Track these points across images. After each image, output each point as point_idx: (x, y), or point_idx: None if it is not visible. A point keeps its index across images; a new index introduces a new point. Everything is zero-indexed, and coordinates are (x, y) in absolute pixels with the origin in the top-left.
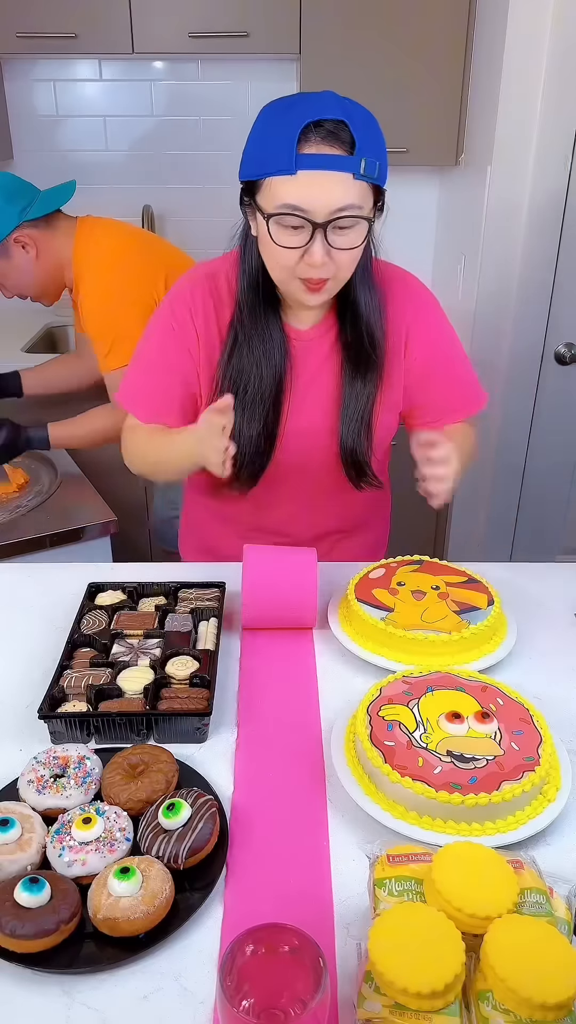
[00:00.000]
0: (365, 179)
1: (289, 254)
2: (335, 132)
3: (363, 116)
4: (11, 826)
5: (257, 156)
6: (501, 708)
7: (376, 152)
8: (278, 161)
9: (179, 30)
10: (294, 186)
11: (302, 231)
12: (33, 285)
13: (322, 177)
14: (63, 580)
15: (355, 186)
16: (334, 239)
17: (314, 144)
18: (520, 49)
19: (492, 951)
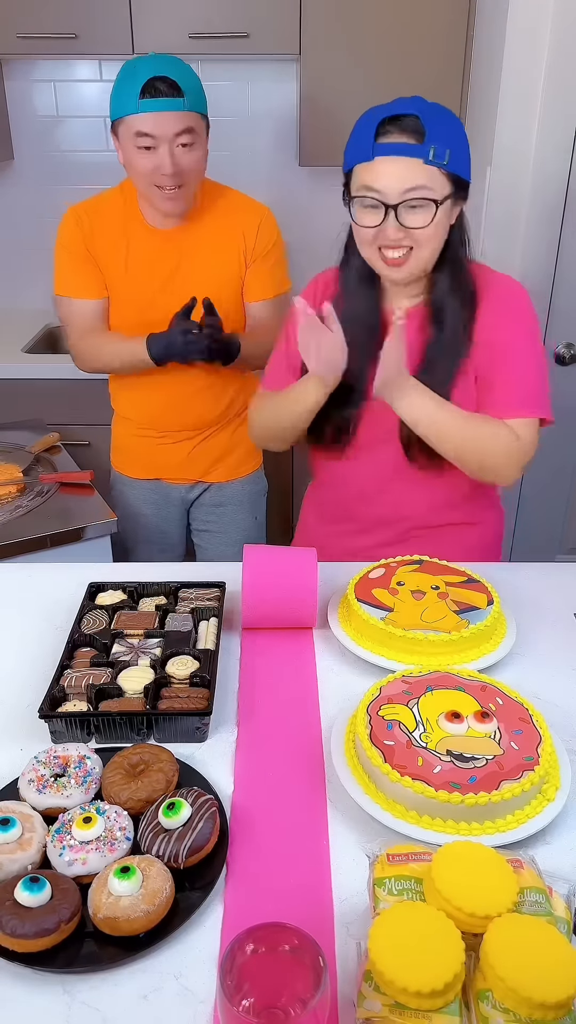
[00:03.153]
0: (435, 164)
1: (368, 232)
2: (409, 123)
3: (439, 114)
4: (11, 825)
5: (350, 151)
6: (501, 708)
7: (448, 142)
8: (361, 152)
9: (179, 30)
10: (370, 171)
11: (378, 211)
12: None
13: (393, 161)
14: (63, 580)
15: (424, 170)
16: (405, 218)
17: (389, 135)
18: (520, 49)
19: (492, 950)
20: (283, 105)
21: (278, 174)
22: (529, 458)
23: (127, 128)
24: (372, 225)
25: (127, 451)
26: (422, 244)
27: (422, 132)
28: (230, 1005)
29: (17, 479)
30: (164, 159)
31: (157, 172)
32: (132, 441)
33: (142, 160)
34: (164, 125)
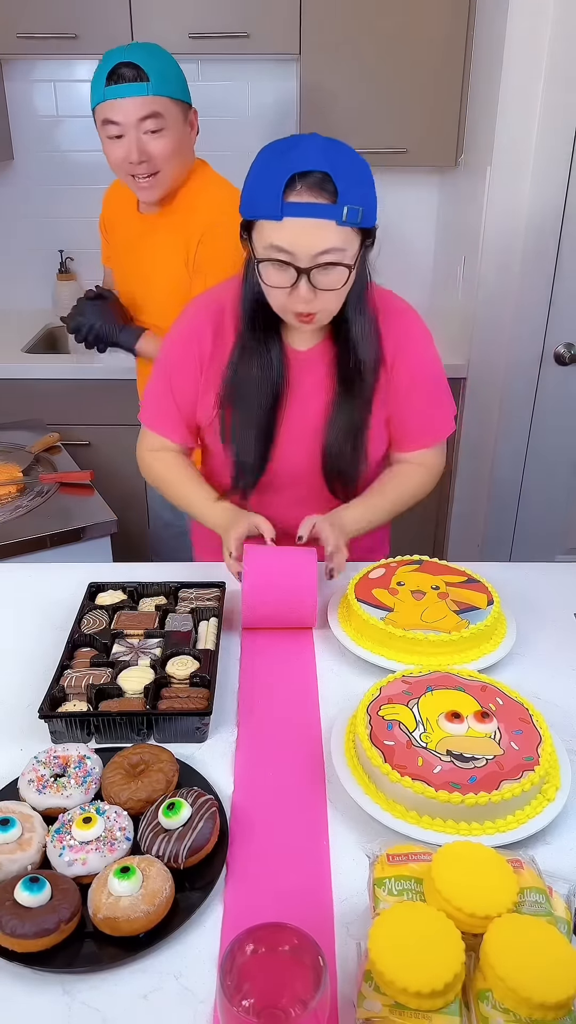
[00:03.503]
0: (347, 225)
1: (280, 291)
2: (319, 182)
3: (350, 164)
4: (11, 826)
5: (251, 199)
6: (501, 708)
7: (360, 199)
8: (267, 207)
9: (179, 30)
10: (280, 231)
11: (289, 272)
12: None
13: (305, 224)
14: (63, 580)
15: (338, 232)
16: (318, 279)
17: (298, 193)
18: (520, 49)
19: (492, 950)
20: (283, 105)
21: None
22: (442, 470)
23: (98, 116)
24: (283, 286)
25: None
26: (332, 302)
27: (334, 191)
28: (230, 1005)
29: (17, 479)
30: (131, 147)
31: (126, 160)
32: None
33: (112, 149)
34: (127, 111)
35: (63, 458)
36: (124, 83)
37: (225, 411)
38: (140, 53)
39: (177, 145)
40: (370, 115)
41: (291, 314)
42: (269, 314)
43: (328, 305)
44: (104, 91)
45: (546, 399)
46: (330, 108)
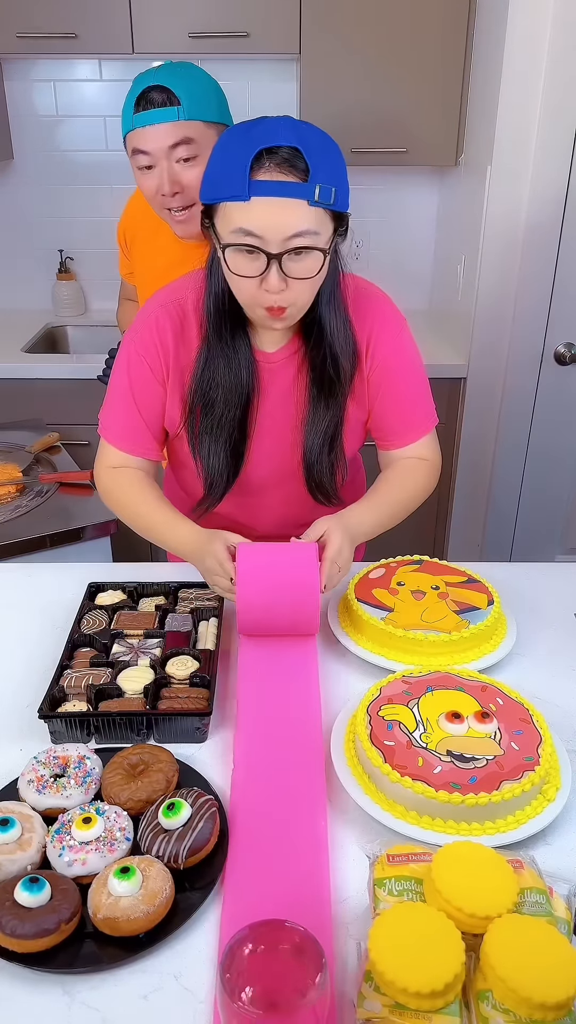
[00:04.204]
0: (320, 205)
1: (248, 282)
2: (288, 159)
3: (320, 142)
4: (11, 826)
5: (214, 181)
6: (501, 708)
7: (332, 178)
8: (232, 187)
9: (179, 30)
10: (248, 212)
11: (258, 259)
12: None
13: (275, 203)
14: (63, 580)
15: (310, 212)
16: (290, 267)
17: (267, 171)
18: (520, 49)
19: (492, 951)
20: (283, 105)
21: None
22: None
23: (128, 145)
24: (252, 275)
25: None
26: (305, 294)
27: (305, 169)
28: (230, 1001)
29: (17, 479)
30: (162, 177)
31: (159, 193)
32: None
33: (144, 180)
34: (157, 138)
35: (63, 458)
36: (153, 108)
37: (193, 419)
38: (170, 75)
39: None
40: (370, 115)
41: (260, 309)
42: (235, 314)
43: (300, 298)
44: (133, 118)
45: (546, 399)
46: (330, 108)
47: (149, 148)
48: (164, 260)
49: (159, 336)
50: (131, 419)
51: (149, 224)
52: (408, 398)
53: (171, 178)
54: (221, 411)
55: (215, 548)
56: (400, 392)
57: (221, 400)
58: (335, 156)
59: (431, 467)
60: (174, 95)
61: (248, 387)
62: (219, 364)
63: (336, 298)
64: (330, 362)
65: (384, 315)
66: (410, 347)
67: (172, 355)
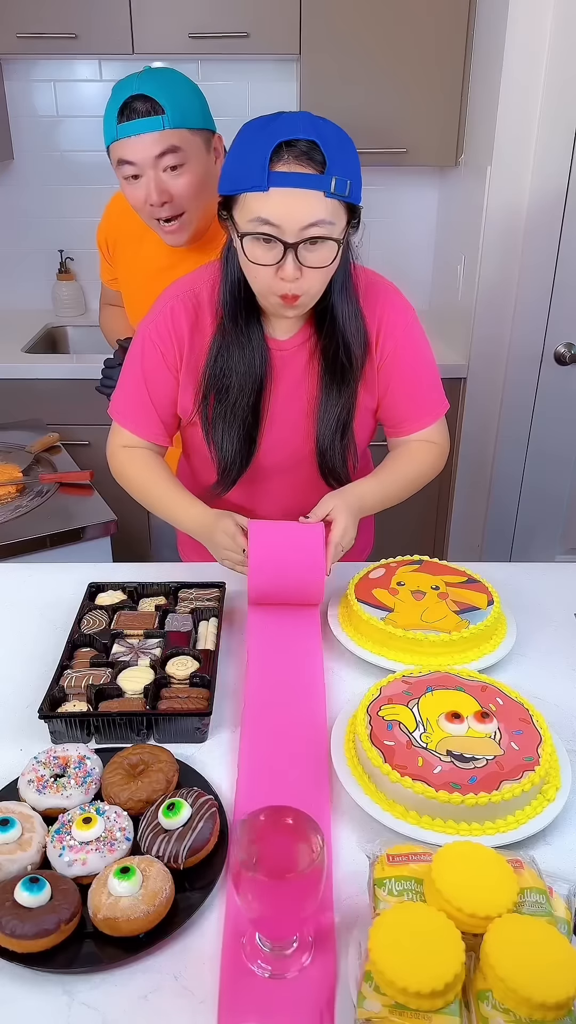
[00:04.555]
0: (336, 197)
1: (264, 270)
2: (306, 151)
3: (336, 136)
4: (11, 826)
5: (233, 172)
6: (501, 708)
7: (348, 171)
8: (251, 178)
9: (179, 30)
10: (266, 202)
11: (275, 248)
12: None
13: (293, 194)
14: (63, 580)
15: (326, 204)
16: (305, 256)
17: (285, 163)
18: (520, 49)
19: (492, 951)
20: (283, 105)
21: None
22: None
23: (112, 156)
24: (268, 263)
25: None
26: (318, 282)
27: (322, 161)
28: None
29: (17, 479)
30: (150, 187)
31: (147, 203)
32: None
33: (131, 191)
34: (142, 149)
35: (63, 458)
36: (137, 118)
37: (207, 405)
38: (152, 83)
39: (201, 179)
40: (370, 115)
41: (274, 297)
42: (249, 303)
43: (313, 286)
44: (116, 129)
45: (546, 399)
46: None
47: (135, 159)
48: (152, 266)
49: (174, 325)
50: (142, 405)
51: (133, 229)
52: (417, 386)
53: (159, 188)
54: (235, 397)
55: (225, 524)
56: (409, 380)
57: (235, 386)
58: (350, 150)
59: (439, 449)
60: (158, 104)
61: (261, 374)
62: (233, 351)
63: (348, 287)
64: (342, 350)
65: (394, 305)
66: (419, 336)
67: (187, 344)
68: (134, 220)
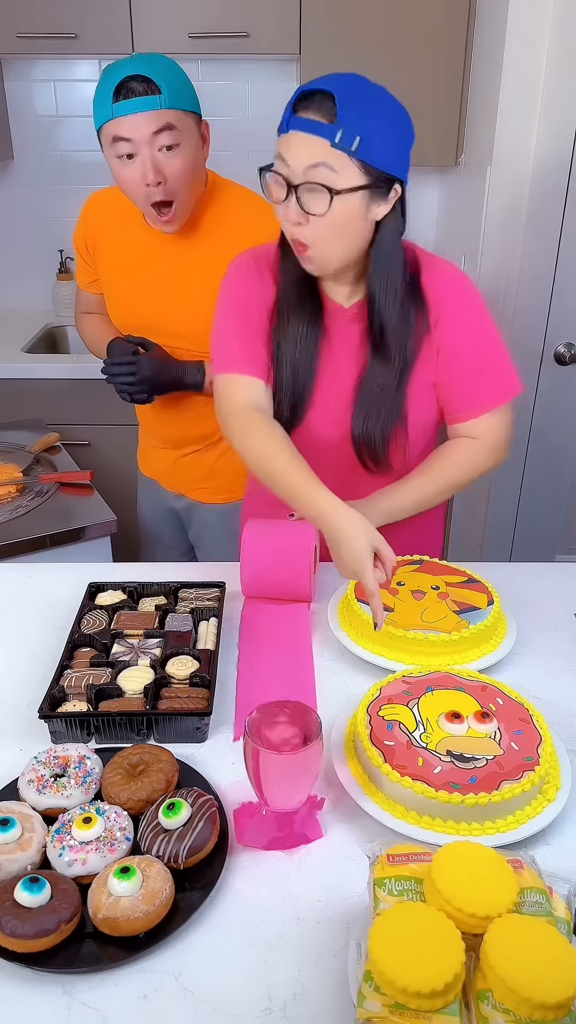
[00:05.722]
0: (340, 149)
1: (279, 207)
2: (322, 103)
3: (362, 94)
4: (11, 826)
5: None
6: (501, 708)
7: (365, 129)
8: (283, 121)
9: (179, 30)
10: (283, 142)
11: (282, 187)
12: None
13: (300, 137)
14: (63, 580)
15: (331, 153)
16: (306, 201)
17: (303, 110)
18: (520, 49)
19: (492, 951)
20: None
21: None
22: (507, 441)
23: (105, 136)
24: (279, 202)
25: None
26: (321, 236)
27: (333, 113)
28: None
29: (17, 479)
30: (145, 166)
31: (142, 183)
32: (142, 437)
33: (125, 171)
34: (140, 126)
35: (63, 458)
36: (134, 97)
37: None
38: (147, 64)
39: (193, 162)
40: None
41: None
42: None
43: (320, 240)
44: (112, 108)
45: (546, 399)
46: None
47: (132, 135)
48: (137, 253)
49: (256, 269)
50: (254, 344)
51: (112, 225)
52: (469, 374)
53: (154, 167)
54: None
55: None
56: (462, 363)
57: (300, 340)
58: (379, 112)
59: (482, 445)
60: (154, 84)
61: (316, 334)
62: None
63: (393, 254)
64: (386, 321)
65: (456, 283)
66: (479, 318)
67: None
68: (112, 215)
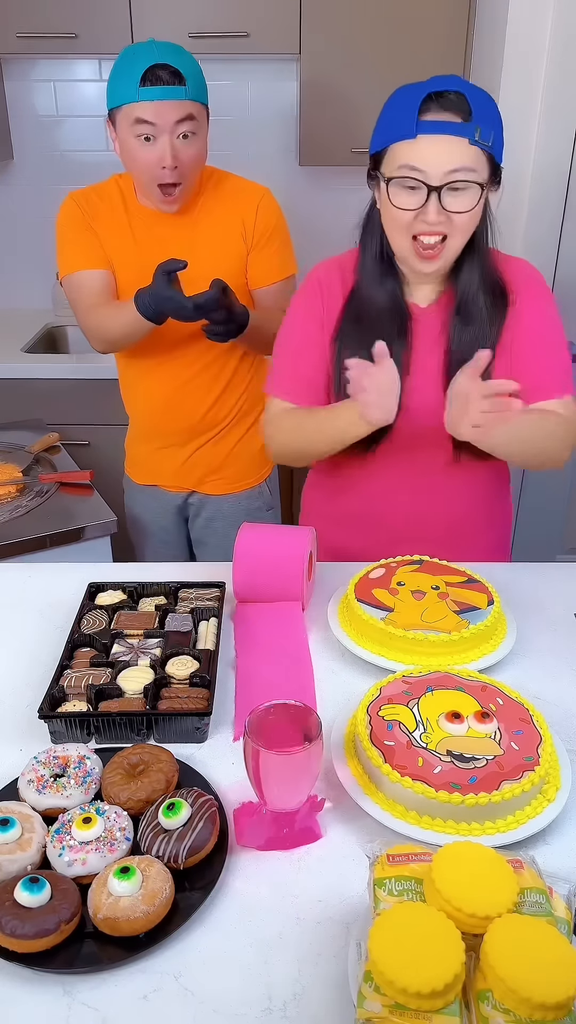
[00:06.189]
0: (479, 145)
1: (406, 214)
2: (454, 101)
3: (483, 95)
4: (11, 826)
5: (384, 128)
6: (501, 708)
7: (492, 124)
8: (401, 128)
9: (179, 30)
10: (413, 149)
11: (419, 192)
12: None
13: (438, 140)
14: (63, 580)
15: (470, 151)
16: (448, 201)
17: (433, 112)
18: (520, 49)
19: (492, 951)
20: (283, 105)
21: (278, 174)
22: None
23: (126, 116)
24: (411, 208)
25: (131, 454)
26: (457, 232)
27: (468, 111)
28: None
29: (17, 479)
30: (164, 150)
31: (158, 165)
32: (135, 444)
33: (142, 152)
34: (165, 113)
35: (63, 458)
36: (162, 85)
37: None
38: (173, 55)
39: (204, 151)
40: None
41: (413, 254)
42: (389, 266)
43: (455, 234)
44: (139, 91)
45: None
46: (330, 108)
47: (157, 121)
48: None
49: (323, 287)
50: (296, 369)
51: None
52: (542, 356)
53: (173, 152)
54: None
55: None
56: (535, 347)
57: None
58: (496, 113)
59: (567, 422)
60: (181, 75)
61: (400, 337)
62: (373, 314)
63: (484, 257)
64: (474, 306)
65: (530, 276)
66: (551, 310)
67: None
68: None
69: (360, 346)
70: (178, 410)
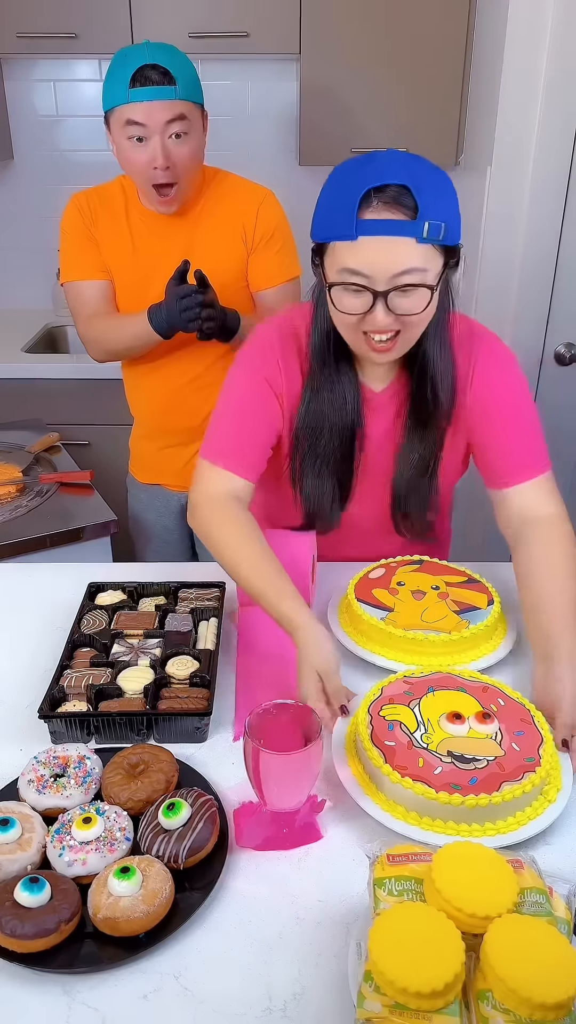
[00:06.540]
0: (428, 242)
1: (352, 319)
2: (397, 197)
3: (431, 177)
4: (11, 826)
5: (323, 220)
6: (502, 708)
7: (442, 213)
8: (340, 227)
9: (179, 30)
10: (355, 252)
11: (364, 295)
12: (197, 179)
13: (381, 242)
14: (63, 580)
15: (417, 251)
16: (396, 303)
17: (375, 210)
18: (520, 49)
19: (492, 951)
20: (283, 105)
21: (278, 174)
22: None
23: (118, 118)
24: (357, 313)
25: (135, 453)
26: (411, 327)
27: (414, 206)
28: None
29: (17, 479)
30: (156, 151)
31: (150, 166)
32: (139, 444)
33: (134, 153)
34: (155, 114)
35: (63, 458)
36: (151, 86)
37: (296, 455)
38: (163, 55)
39: (197, 149)
40: (370, 115)
41: (364, 346)
42: (341, 349)
43: (407, 330)
44: (128, 93)
45: (546, 399)
46: (330, 108)
47: (147, 121)
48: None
49: (282, 354)
50: (239, 436)
51: (106, 215)
52: (513, 432)
53: (164, 152)
54: (328, 448)
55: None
56: (504, 424)
57: (327, 432)
58: (446, 190)
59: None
60: (171, 75)
61: (354, 421)
62: (325, 396)
63: (443, 333)
64: (430, 395)
65: (492, 349)
66: (517, 385)
67: (286, 378)
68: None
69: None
70: (181, 410)
